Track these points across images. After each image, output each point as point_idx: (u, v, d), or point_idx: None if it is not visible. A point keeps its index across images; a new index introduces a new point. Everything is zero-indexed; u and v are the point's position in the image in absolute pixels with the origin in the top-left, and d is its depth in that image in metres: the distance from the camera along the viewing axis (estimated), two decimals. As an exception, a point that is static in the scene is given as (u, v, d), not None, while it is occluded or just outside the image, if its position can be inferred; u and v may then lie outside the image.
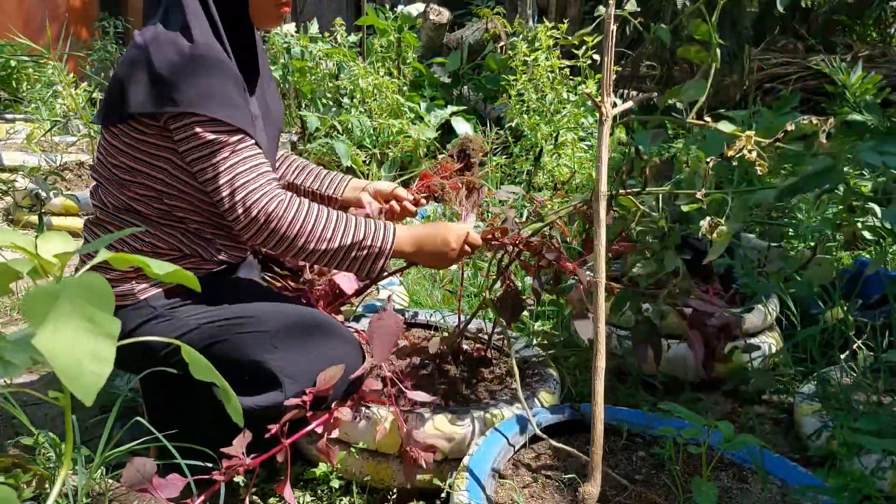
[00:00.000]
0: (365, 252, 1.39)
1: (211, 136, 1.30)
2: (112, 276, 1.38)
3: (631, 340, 1.53)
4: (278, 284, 1.69)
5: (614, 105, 1.25)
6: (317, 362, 1.36)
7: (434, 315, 2.01)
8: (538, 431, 1.35)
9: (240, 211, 1.32)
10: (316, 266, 1.69)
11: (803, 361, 1.91)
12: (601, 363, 1.18)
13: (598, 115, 1.23)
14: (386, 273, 1.61)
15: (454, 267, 1.68)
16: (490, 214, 2.43)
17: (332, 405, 1.39)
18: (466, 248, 1.49)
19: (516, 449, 1.35)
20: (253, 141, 1.35)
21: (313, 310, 1.49)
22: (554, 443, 1.32)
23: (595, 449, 1.16)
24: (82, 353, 0.45)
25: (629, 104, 1.35)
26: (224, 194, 1.32)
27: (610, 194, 1.34)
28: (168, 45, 1.30)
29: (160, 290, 1.41)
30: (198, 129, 1.29)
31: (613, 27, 1.19)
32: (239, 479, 1.28)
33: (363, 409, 1.41)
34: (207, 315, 1.40)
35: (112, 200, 1.43)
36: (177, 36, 1.31)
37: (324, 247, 1.36)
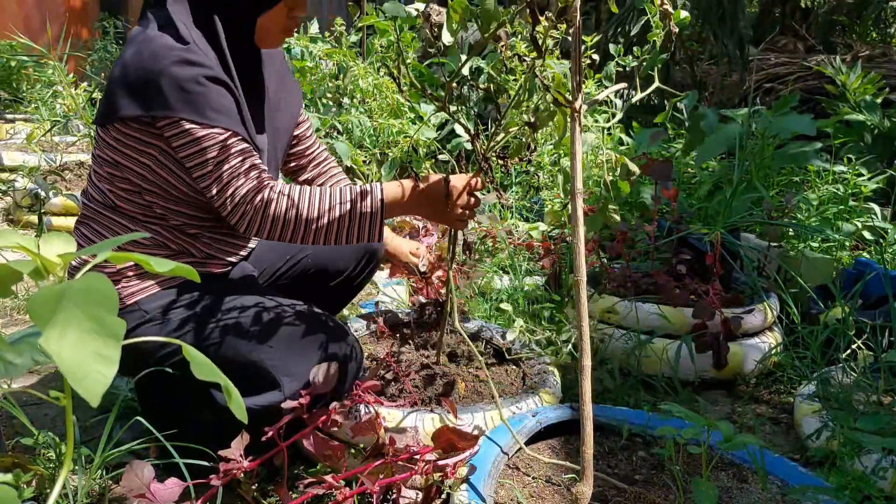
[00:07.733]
0: (358, 219, 1.38)
1: (200, 133, 1.32)
2: None
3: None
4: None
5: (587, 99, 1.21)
6: (315, 361, 1.36)
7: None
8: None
9: (229, 206, 1.34)
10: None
11: (803, 361, 1.91)
12: (587, 362, 1.17)
13: (570, 112, 1.20)
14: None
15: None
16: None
17: (332, 406, 1.39)
18: (467, 198, 1.44)
19: (516, 449, 1.35)
20: (240, 137, 1.37)
21: (311, 308, 1.49)
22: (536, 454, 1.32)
23: (586, 448, 1.16)
24: (88, 353, 0.45)
25: (600, 97, 1.35)
26: (214, 191, 1.35)
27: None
28: (158, 46, 1.31)
29: (152, 292, 1.41)
30: (187, 127, 1.32)
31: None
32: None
33: (363, 408, 1.41)
34: (202, 316, 1.39)
35: (97, 196, 1.44)
36: (166, 37, 1.32)
37: (314, 227, 1.37)
